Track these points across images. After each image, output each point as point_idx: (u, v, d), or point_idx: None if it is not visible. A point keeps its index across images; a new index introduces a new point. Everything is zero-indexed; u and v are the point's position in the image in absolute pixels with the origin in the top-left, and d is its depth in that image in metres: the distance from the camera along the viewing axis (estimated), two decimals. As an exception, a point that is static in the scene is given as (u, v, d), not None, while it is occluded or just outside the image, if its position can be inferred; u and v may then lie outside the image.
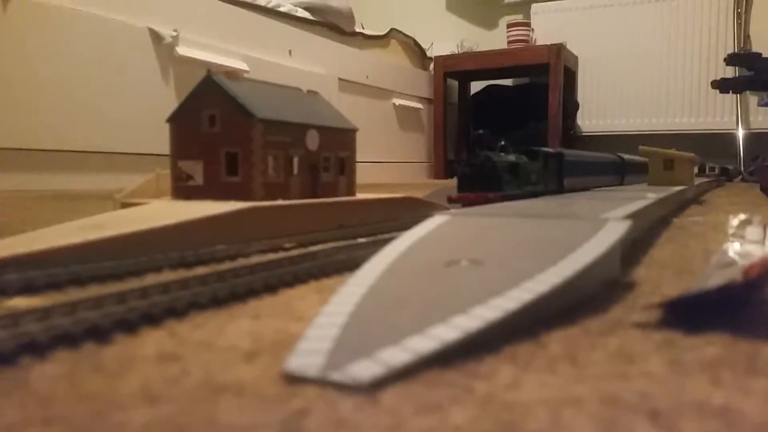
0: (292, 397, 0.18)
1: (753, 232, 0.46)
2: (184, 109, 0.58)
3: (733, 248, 0.38)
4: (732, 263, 0.33)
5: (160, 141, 0.66)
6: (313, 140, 0.62)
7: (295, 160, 0.60)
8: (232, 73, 0.59)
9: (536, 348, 0.23)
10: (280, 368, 0.20)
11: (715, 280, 0.29)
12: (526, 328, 0.24)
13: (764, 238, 0.42)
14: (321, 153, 0.63)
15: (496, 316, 0.23)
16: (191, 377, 0.20)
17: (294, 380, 0.19)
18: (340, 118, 0.69)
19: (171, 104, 0.61)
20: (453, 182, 0.69)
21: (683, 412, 0.17)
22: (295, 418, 0.16)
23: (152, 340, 0.24)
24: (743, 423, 0.16)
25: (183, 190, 0.58)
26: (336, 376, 0.19)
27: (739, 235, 0.45)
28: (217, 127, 0.56)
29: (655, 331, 0.25)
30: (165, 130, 0.59)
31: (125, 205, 0.55)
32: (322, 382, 0.19)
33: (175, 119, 0.58)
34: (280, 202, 0.56)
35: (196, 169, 0.57)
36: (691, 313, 0.26)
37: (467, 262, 0.30)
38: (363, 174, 0.73)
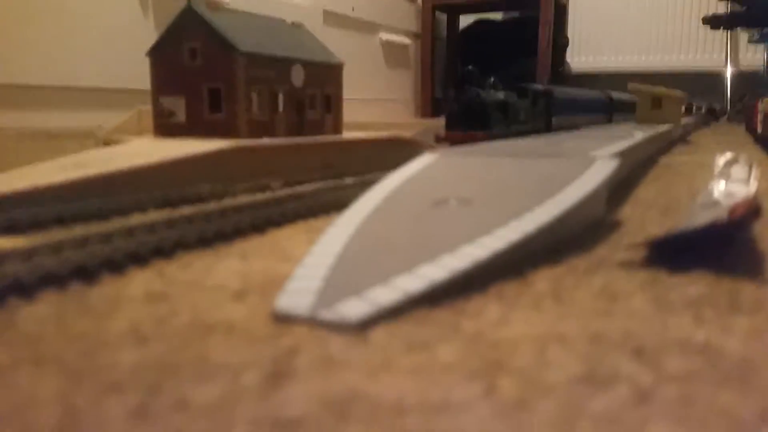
0: (282, 336, 0.18)
1: (738, 171, 0.46)
2: (164, 42, 0.56)
3: (718, 187, 0.39)
4: (716, 203, 0.33)
5: (141, 76, 0.64)
6: (298, 76, 0.61)
7: (280, 97, 0.59)
8: (213, 3, 0.57)
9: (523, 286, 0.23)
10: (269, 307, 0.20)
11: (700, 219, 0.29)
12: (513, 266, 0.24)
13: (749, 177, 0.43)
14: (306, 89, 0.62)
15: (484, 255, 0.23)
16: (180, 317, 0.20)
17: (283, 319, 0.19)
18: (326, 52, 0.67)
19: (151, 37, 0.59)
20: (440, 121, 0.68)
21: (667, 350, 0.17)
22: (286, 356, 0.16)
23: (140, 280, 0.24)
24: (724, 360, 0.17)
25: (165, 127, 0.56)
26: (326, 314, 0.19)
27: (724, 174, 0.45)
28: (198, 61, 0.55)
29: (639, 270, 0.25)
30: (145, 64, 0.57)
31: (107, 143, 0.54)
32: (312, 321, 0.19)
33: (155, 53, 0.56)
34: (265, 140, 0.55)
35: (178, 106, 0.56)
36: (676, 252, 0.27)
37: (455, 202, 0.30)
38: (348, 112, 0.72)
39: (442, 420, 0.13)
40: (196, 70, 0.55)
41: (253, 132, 0.55)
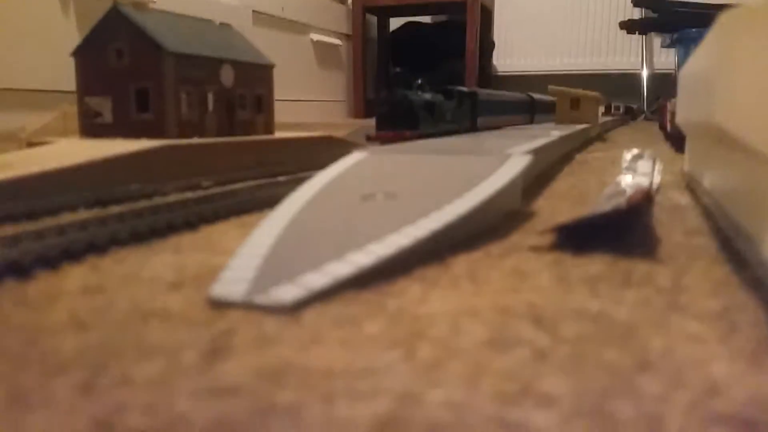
0: (219, 320, 0.19)
1: (643, 165, 0.50)
2: (89, 43, 0.55)
3: (625, 180, 0.42)
4: (622, 193, 0.36)
5: (65, 76, 0.63)
6: (228, 76, 0.61)
7: (210, 97, 0.59)
8: (139, 4, 0.57)
9: (442, 269, 0.25)
10: (204, 296, 0.21)
11: (605, 207, 0.32)
12: (434, 253, 0.27)
13: (653, 170, 0.47)
14: (237, 89, 0.62)
15: (407, 243, 0.25)
16: (118, 306, 0.21)
17: (219, 305, 0.20)
18: (256, 53, 0.68)
19: (73, 37, 0.58)
20: (372, 121, 0.70)
21: (564, 318, 0.20)
22: (222, 336, 0.18)
23: (75, 275, 0.24)
24: (613, 325, 0.19)
25: (91, 127, 0.56)
26: (260, 299, 0.20)
27: (631, 168, 0.49)
28: (125, 61, 0.54)
29: (547, 253, 0.28)
30: (69, 65, 0.56)
31: (31, 145, 0.53)
32: (247, 306, 0.20)
33: (80, 53, 0.56)
34: (195, 140, 0.55)
35: (104, 106, 0.56)
36: (581, 237, 0.30)
37: (382, 196, 0.31)
38: (281, 112, 0.72)
39: (366, 381, 0.15)
40: (123, 71, 0.54)
41: (182, 132, 0.55)
